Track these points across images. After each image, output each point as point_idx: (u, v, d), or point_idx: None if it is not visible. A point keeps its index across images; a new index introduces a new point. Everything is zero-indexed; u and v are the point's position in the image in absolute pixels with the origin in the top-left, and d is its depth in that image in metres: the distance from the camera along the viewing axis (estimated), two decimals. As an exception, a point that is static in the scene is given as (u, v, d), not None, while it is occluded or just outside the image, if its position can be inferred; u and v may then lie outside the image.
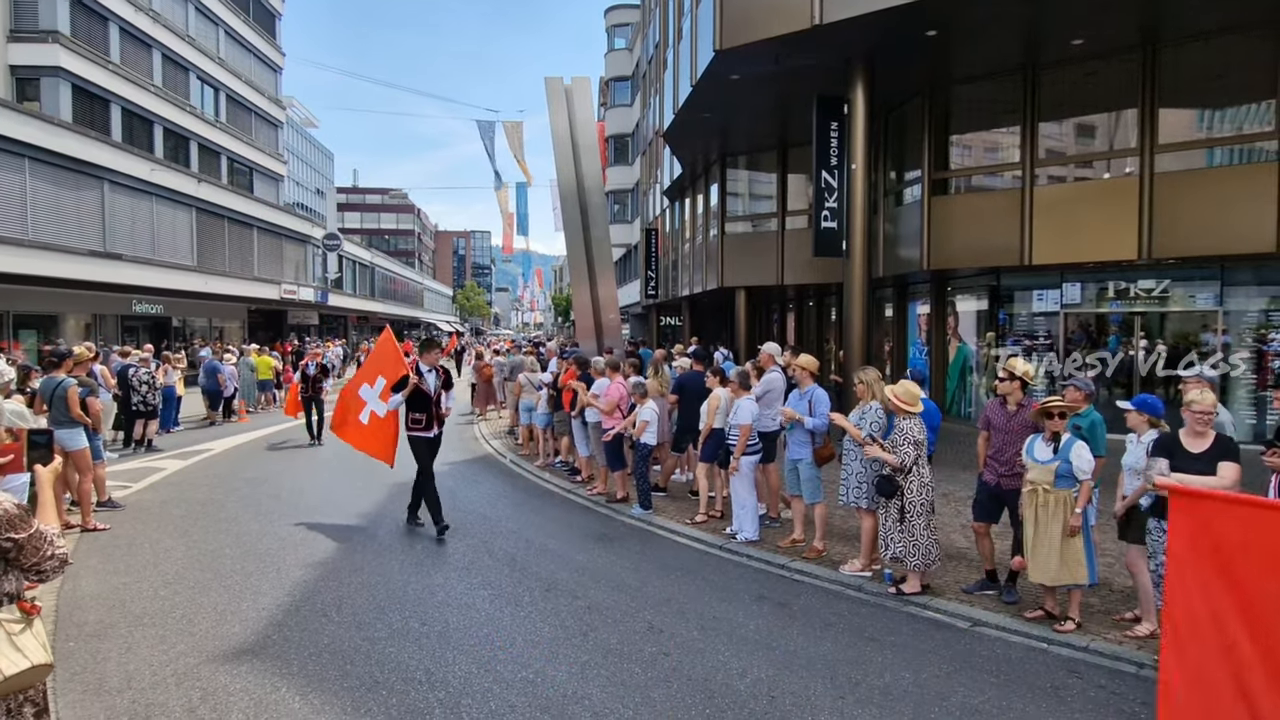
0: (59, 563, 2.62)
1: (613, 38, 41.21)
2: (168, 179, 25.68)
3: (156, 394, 12.99)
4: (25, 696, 2.50)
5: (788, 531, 7.49)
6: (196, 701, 4.20)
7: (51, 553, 2.58)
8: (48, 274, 19.62)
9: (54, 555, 2.59)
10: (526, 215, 52.66)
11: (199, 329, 29.75)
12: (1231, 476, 4.40)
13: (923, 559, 5.76)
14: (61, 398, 7.83)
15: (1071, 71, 11.34)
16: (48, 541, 2.57)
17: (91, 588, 6.03)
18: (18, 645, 2.41)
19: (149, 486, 9.98)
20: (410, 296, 67.04)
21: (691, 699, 4.26)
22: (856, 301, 11.93)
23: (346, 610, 5.55)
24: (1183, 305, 11.15)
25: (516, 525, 8.12)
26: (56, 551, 2.60)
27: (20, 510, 2.54)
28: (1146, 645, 4.93)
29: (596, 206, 14.60)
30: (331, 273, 42.43)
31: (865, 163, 11.78)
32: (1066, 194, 11.50)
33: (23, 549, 2.49)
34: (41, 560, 2.56)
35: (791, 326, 22.94)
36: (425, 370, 7.73)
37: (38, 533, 2.55)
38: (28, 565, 2.53)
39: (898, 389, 5.91)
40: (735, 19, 11.33)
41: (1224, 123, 10.40)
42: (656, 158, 27.82)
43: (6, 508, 2.50)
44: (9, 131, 18.52)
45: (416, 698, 4.25)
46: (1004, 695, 4.33)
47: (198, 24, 31.21)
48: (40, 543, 2.54)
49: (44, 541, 2.56)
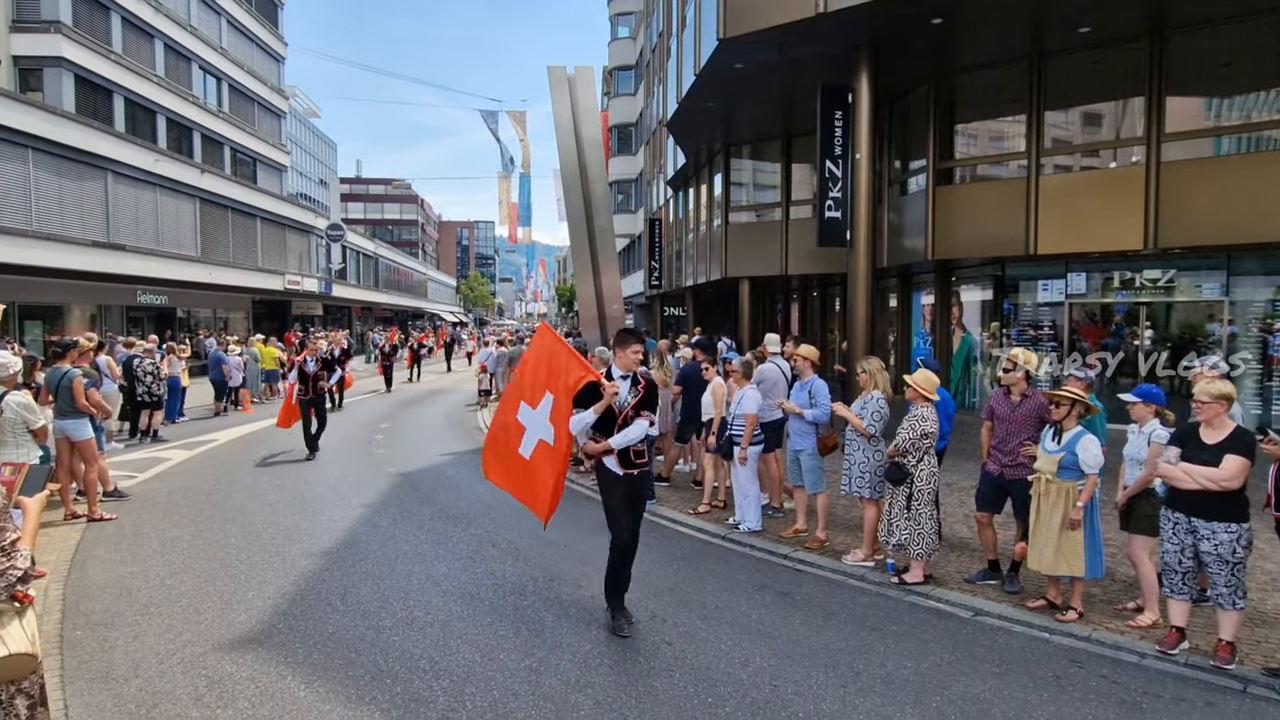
0: (6, 585, 2.36)
1: (616, 27, 41.01)
2: (171, 169, 25.68)
3: (161, 384, 13.04)
4: (18, 688, 2.39)
5: (790, 521, 7.50)
6: (203, 689, 4.23)
7: (3, 569, 2.34)
8: (52, 265, 19.67)
9: (4, 573, 2.35)
10: (529, 206, 52.52)
11: (203, 320, 29.83)
12: (1231, 470, 4.37)
13: (927, 547, 5.77)
14: (67, 388, 7.87)
15: (1078, 60, 11.25)
16: (6, 554, 2.35)
17: (98, 577, 6.07)
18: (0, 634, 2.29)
19: (155, 476, 10.03)
20: (414, 287, 67.02)
21: (694, 688, 4.28)
22: (860, 291, 11.90)
23: (351, 600, 5.58)
24: (1189, 295, 11.10)
25: (519, 515, 8.13)
26: (9, 570, 2.36)
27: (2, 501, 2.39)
28: (1149, 635, 4.94)
29: (600, 196, 14.54)
30: (335, 263, 42.42)
31: (870, 152, 11.73)
32: (1072, 183, 11.44)
33: None
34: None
35: (795, 317, 22.91)
36: (619, 375, 5.11)
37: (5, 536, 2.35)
38: None
39: (917, 376, 5.91)
40: (739, 7, 11.26)
41: (1231, 111, 10.32)
42: (660, 147, 27.72)
43: None
44: (12, 122, 18.52)
45: (420, 686, 4.27)
46: (1005, 685, 4.34)
47: (200, 13, 31.12)
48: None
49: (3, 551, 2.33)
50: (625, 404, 5.01)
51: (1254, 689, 4.30)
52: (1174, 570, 4.65)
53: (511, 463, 5.50)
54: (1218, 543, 4.42)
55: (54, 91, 22.83)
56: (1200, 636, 4.87)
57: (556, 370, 5.23)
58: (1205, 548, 4.48)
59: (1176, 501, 4.63)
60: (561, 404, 5.06)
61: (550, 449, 5.18)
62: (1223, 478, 4.37)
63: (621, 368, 5.11)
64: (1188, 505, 4.55)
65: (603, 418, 4.97)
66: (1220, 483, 4.37)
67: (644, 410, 5.07)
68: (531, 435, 5.33)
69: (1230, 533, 4.40)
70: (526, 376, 5.57)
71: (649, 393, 5.12)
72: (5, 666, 2.32)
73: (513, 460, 5.48)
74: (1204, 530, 4.47)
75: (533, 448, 5.30)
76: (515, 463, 5.46)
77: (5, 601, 2.37)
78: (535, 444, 5.29)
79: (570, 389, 5.02)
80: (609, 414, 4.98)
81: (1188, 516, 4.55)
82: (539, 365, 5.46)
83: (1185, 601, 4.68)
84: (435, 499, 8.77)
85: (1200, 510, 4.48)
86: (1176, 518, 4.62)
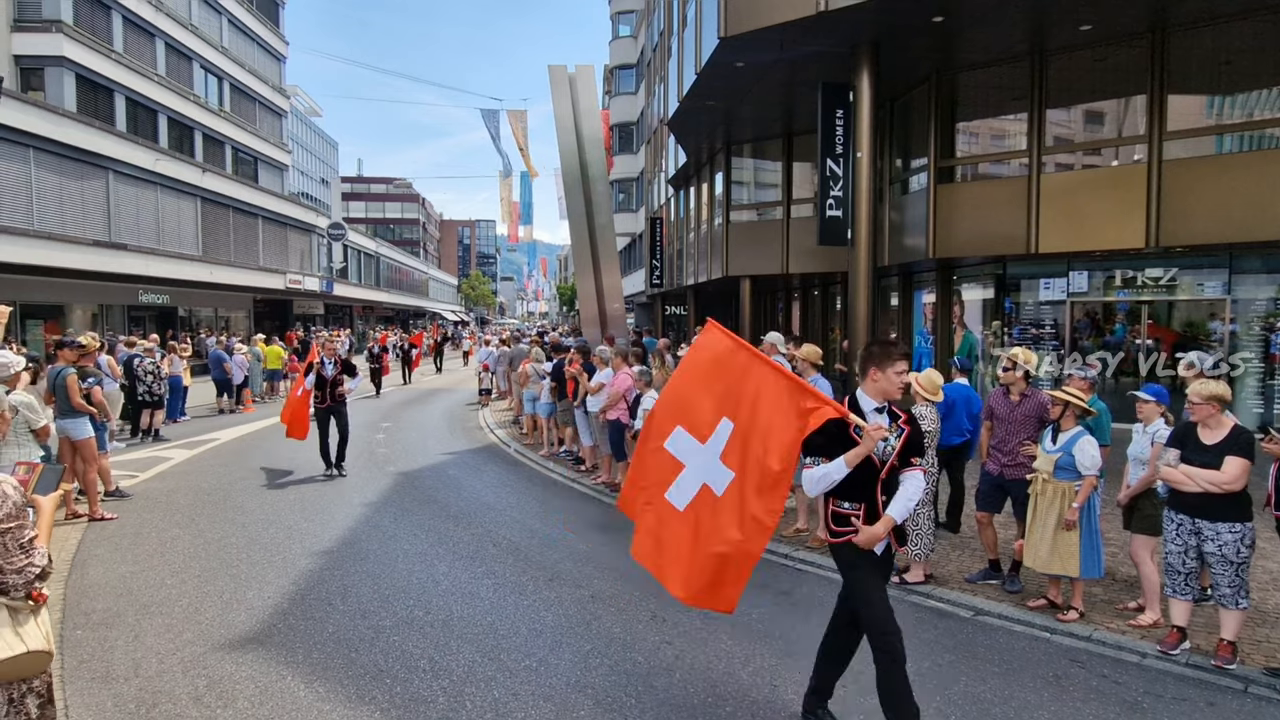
0: (25, 582, 2.33)
1: (617, 25, 40.98)
2: (172, 169, 25.70)
3: (162, 384, 13.04)
4: (29, 687, 2.41)
5: (791, 521, 7.50)
6: (203, 689, 4.23)
7: (22, 565, 2.32)
8: (53, 264, 19.70)
9: (23, 570, 2.32)
10: (531, 205, 52.54)
11: (205, 319, 29.85)
12: (1233, 472, 4.35)
13: (924, 547, 5.77)
14: (62, 386, 7.86)
15: (1080, 57, 11.22)
16: (25, 551, 2.33)
17: (99, 576, 6.08)
18: (18, 631, 2.31)
19: (156, 476, 10.04)
20: (415, 286, 67.06)
21: (694, 687, 4.27)
22: (861, 290, 11.87)
23: (351, 599, 5.58)
24: (1191, 294, 11.07)
25: (520, 514, 8.14)
26: (27, 567, 2.34)
27: (20, 497, 2.37)
28: (1150, 635, 4.93)
29: (601, 195, 14.58)
30: (337, 262, 42.47)
31: (871, 150, 11.69)
32: (1074, 181, 11.41)
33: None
34: (9, 564, 2.29)
35: (796, 315, 22.88)
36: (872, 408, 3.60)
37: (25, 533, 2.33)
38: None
39: (920, 376, 5.90)
40: (740, 6, 11.22)
41: (1234, 109, 10.28)
42: (661, 146, 27.69)
43: (5, 490, 2.34)
44: (13, 121, 18.54)
45: (420, 686, 4.27)
46: (1006, 684, 4.34)
47: (201, 12, 31.13)
48: (17, 546, 2.30)
49: (22, 549, 2.31)
50: (889, 451, 3.52)
51: (1255, 689, 4.28)
52: (1176, 571, 4.64)
53: (661, 514, 3.80)
54: (1222, 543, 4.41)
55: (55, 91, 22.85)
56: (1201, 636, 4.86)
57: (748, 393, 3.60)
58: (1209, 548, 4.47)
59: (1179, 503, 4.62)
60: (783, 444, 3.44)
61: (732, 503, 3.55)
62: (1224, 480, 4.36)
63: (875, 396, 3.60)
64: (1190, 507, 4.53)
65: (852, 475, 3.44)
66: (1222, 486, 4.36)
67: (913, 458, 3.62)
68: (693, 478, 3.72)
69: (1234, 532, 4.39)
70: (683, 391, 3.91)
71: (914, 433, 3.62)
72: (25, 663, 2.33)
73: (661, 509, 3.80)
74: (1208, 531, 4.46)
75: (692, 495, 3.71)
76: (665, 513, 3.78)
77: (22, 600, 2.37)
78: (698, 490, 3.69)
79: (799, 427, 3.42)
80: (865, 467, 3.45)
81: (1191, 518, 4.54)
82: (715, 379, 3.76)
83: (1187, 601, 4.68)
84: (436, 498, 8.77)
85: (1203, 511, 4.47)
86: (1181, 519, 4.61)
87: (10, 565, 2.32)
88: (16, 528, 2.34)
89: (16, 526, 2.34)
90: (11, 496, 2.37)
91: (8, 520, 2.31)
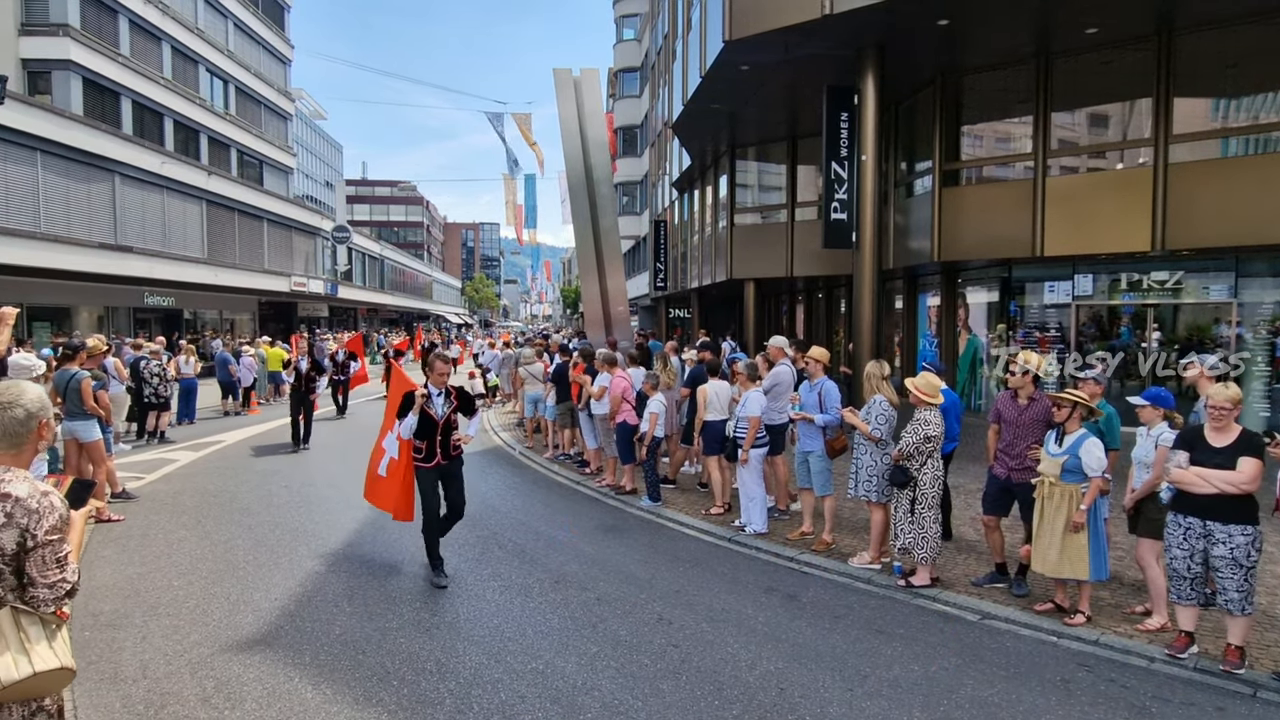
0: (55, 597, 2.29)
1: (621, 29, 41.05)
2: (178, 172, 25.80)
3: (168, 386, 13.09)
4: (39, 705, 2.32)
5: (796, 524, 7.49)
6: (211, 691, 4.24)
7: (55, 580, 2.28)
8: (60, 267, 19.78)
9: (55, 585, 2.28)
10: (535, 208, 52.60)
11: (210, 321, 29.94)
12: (1250, 473, 4.34)
13: (931, 550, 5.76)
14: (75, 390, 7.90)
15: (1085, 61, 11.22)
16: (61, 566, 2.29)
17: (106, 578, 6.10)
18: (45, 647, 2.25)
19: (162, 478, 10.07)
20: (419, 288, 67.18)
21: (700, 690, 4.27)
22: (866, 293, 11.88)
23: (358, 601, 5.59)
24: (1196, 297, 11.05)
25: (526, 517, 8.14)
26: (59, 583, 2.29)
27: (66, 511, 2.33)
28: (1157, 639, 4.91)
29: (605, 198, 14.58)
30: (341, 265, 42.57)
31: (875, 153, 11.71)
32: (1079, 185, 11.40)
33: (38, 551, 2.24)
34: (43, 579, 2.25)
35: (801, 318, 22.89)
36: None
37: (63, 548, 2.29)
38: (28, 578, 2.25)
39: (918, 380, 5.89)
40: (745, 9, 11.25)
41: (1239, 112, 10.27)
42: (665, 149, 27.73)
43: (53, 501, 2.28)
44: (21, 125, 18.63)
45: (427, 688, 4.28)
46: (1013, 688, 4.33)
47: (207, 16, 31.27)
48: (54, 560, 2.26)
49: (59, 563, 2.27)
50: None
51: (1264, 693, 4.27)
52: (1182, 577, 4.60)
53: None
54: (1234, 545, 4.38)
55: (62, 94, 22.98)
56: (1209, 640, 4.84)
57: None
58: (1219, 551, 4.42)
59: (1188, 505, 4.56)
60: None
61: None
62: (1242, 481, 4.34)
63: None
64: (1201, 509, 4.49)
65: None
66: (1240, 486, 4.34)
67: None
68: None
69: (1246, 535, 4.37)
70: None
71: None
72: (47, 681, 2.26)
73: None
74: (1220, 534, 4.42)
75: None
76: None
77: (50, 615, 2.31)
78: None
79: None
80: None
81: (1202, 520, 4.50)
82: None
83: (1194, 607, 4.66)
84: (441, 500, 8.76)
85: (1216, 513, 4.43)
86: (1189, 522, 4.56)
87: (44, 579, 2.27)
88: (58, 540, 2.30)
89: (58, 540, 2.30)
90: (59, 509, 2.32)
91: (52, 532, 2.27)
